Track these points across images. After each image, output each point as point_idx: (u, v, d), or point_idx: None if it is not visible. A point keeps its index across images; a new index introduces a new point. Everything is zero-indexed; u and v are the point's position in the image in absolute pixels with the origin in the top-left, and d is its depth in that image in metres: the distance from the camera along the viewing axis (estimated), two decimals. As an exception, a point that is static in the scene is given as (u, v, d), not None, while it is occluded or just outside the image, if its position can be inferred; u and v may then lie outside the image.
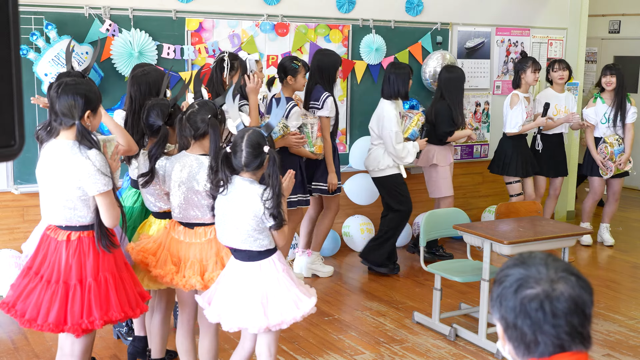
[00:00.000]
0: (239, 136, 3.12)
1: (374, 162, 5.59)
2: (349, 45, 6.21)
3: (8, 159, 1.12)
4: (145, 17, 5.39)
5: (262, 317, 3.05)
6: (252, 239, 3.10)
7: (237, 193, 3.11)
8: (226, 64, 4.51)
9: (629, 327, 4.74)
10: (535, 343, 1.49)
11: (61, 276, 3.06)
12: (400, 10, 6.45)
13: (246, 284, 3.11)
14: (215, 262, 3.29)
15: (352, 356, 4.22)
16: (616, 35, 9.78)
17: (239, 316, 3.09)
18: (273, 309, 3.08)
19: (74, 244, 3.08)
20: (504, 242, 4.16)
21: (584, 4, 7.54)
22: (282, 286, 3.12)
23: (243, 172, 3.12)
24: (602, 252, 6.58)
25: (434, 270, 4.62)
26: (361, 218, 6.37)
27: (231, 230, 3.13)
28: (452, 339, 4.44)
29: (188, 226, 3.37)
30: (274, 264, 3.15)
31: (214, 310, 3.16)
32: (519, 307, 1.49)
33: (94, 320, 3.05)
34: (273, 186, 3.02)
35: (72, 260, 3.07)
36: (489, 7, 6.95)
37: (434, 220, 4.72)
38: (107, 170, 2.98)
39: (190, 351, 3.56)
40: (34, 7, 4.97)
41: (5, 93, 1.09)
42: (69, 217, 3.08)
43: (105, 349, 4.23)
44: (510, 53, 7.11)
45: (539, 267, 1.52)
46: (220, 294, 3.17)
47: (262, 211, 3.04)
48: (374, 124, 5.62)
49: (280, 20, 5.89)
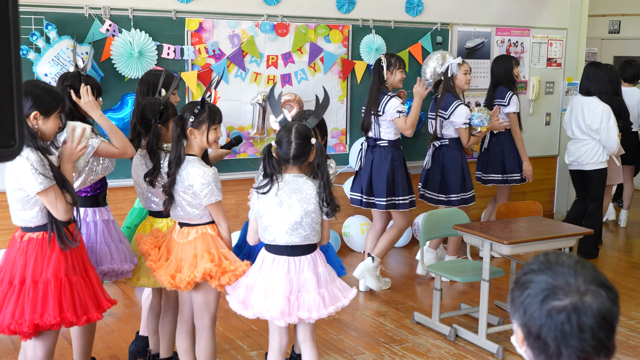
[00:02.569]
0: (286, 129, 3.15)
1: (589, 156, 5.95)
2: (348, 45, 6.21)
3: (8, 159, 1.12)
4: (145, 17, 5.39)
5: (321, 306, 3.14)
6: (314, 231, 3.17)
7: (293, 190, 3.14)
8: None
9: (629, 327, 4.75)
10: (557, 355, 1.43)
11: (15, 278, 3.05)
12: (400, 10, 6.45)
13: (300, 278, 3.16)
14: (191, 264, 3.28)
15: (352, 356, 4.22)
16: (616, 35, 9.78)
17: (292, 309, 3.13)
18: (327, 299, 3.18)
19: (24, 244, 3.06)
20: (504, 242, 4.16)
21: (584, 4, 7.54)
22: (328, 278, 3.24)
23: (290, 167, 3.17)
24: (602, 251, 6.58)
25: (434, 270, 4.61)
26: (361, 218, 6.37)
27: (291, 227, 3.14)
28: (452, 339, 4.45)
29: (180, 225, 3.40)
30: (319, 257, 3.25)
31: (255, 310, 3.16)
32: (545, 318, 1.42)
33: (22, 323, 2.97)
34: (323, 175, 3.12)
35: (19, 261, 3.05)
36: (489, 7, 6.95)
37: (433, 220, 4.72)
38: (44, 168, 2.93)
39: (189, 351, 3.56)
40: (34, 7, 4.97)
41: (5, 93, 1.09)
42: (22, 217, 3.06)
43: (105, 349, 4.23)
44: (510, 53, 7.11)
45: (567, 278, 1.44)
46: (264, 291, 3.16)
47: (319, 202, 3.14)
48: (581, 121, 5.94)
49: (280, 20, 5.89)
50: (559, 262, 1.47)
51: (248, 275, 3.25)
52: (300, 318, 3.13)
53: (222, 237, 3.36)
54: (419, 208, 6.74)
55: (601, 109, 5.85)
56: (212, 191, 3.26)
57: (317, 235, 3.21)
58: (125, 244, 3.64)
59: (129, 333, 4.46)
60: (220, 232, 3.36)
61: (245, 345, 4.33)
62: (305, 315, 3.12)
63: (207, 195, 3.26)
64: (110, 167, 3.55)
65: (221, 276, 3.24)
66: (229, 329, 4.56)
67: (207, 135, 3.29)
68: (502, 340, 4.40)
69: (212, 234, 3.34)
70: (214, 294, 3.39)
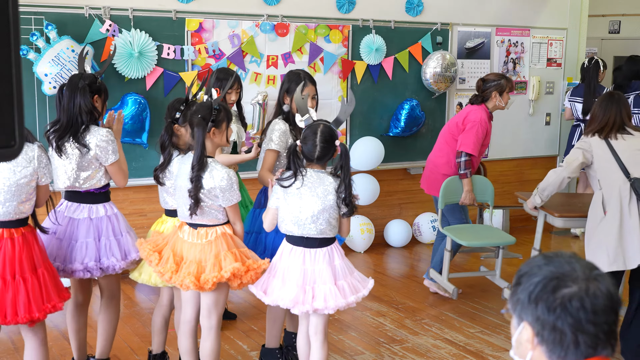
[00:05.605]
0: (312, 131, 3.30)
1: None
2: (349, 45, 6.21)
3: (8, 159, 1.12)
4: (145, 17, 5.39)
5: (338, 297, 3.25)
6: (330, 226, 3.30)
7: (313, 184, 3.28)
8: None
9: (629, 327, 4.74)
10: (575, 344, 1.44)
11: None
12: (400, 10, 6.45)
13: (315, 269, 3.29)
14: (214, 264, 3.28)
15: (352, 356, 4.22)
16: (616, 35, 9.78)
17: (307, 299, 3.24)
18: (347, 290, 3.30)
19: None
20: (555, 214, 4.40)
21: (584, 4, 7.54)
22: (347, 270, 3.36)
23: (313, 164, 3.31)
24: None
25: (448, 232, 4.92)
26: (361, 218, 6.37)
27: (308, 219, 3.27)
28: (455, 298, 4.97)
29: (192, 226, 3.38)
30: (336, 250, 3.37)
31: (272, 297, 3.29)
32: (559, 307, 1.44)
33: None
34: (345, 177, 3.28)
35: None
36: (489, 8, 6.95)
37: (453, 186, 5.03)
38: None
39: (192, 352, 3.55)
40: (34, 7, 4.97)
41: (5, 93, 1.09)
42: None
43: (105, 349, 4.22)
44: (510, 53, 7.12)
45: (570, 265, 1.47)
46: (282, 280, 3.30)
47: (338, 200, 3.27)
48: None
49: (280, 20, 5.89)
50: (557, 255, 1.52)
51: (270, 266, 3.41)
52: (315, 308, 3.22)
53: (238, 235, 3.41)
54: (418, 208, 6.74)
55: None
56: (232, 193, 3.30)
57: (333, 230, 3.33)
58: (131, 235, 3.69)
59: (129, 333, 4.46)
60: (236, 232, 3.40)
61: (245, 345, 4.33)
62: (321, 305, 3.22)
63: (228, 197, 3.29)
64: None
65: (244, 274, 3.29)
66: (229, 329, 4.56)
67: (226, 134, 3.38)
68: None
69: (231, 233, 3.37)
70: (224, 294, 3.42)
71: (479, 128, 5.00)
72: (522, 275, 1.52)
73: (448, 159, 5.15)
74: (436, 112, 6.74)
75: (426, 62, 6.49)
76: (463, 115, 5.15)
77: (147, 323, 4.56)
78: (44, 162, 3.21)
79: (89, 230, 3.55)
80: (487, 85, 5.12)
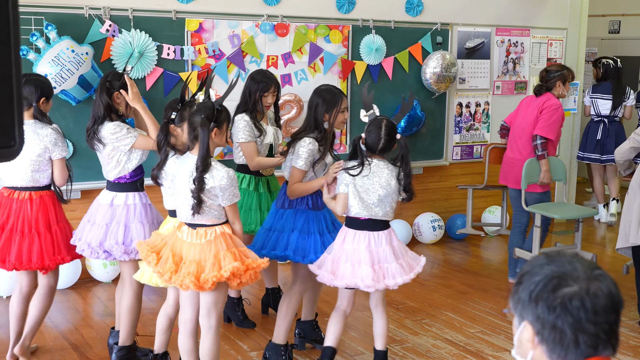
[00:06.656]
0: (376, 125, 3.63)
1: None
2: (349, 45, 6.21)
3: (8, 159, 1.12)
4: (145, 17, 5.39)
5: (403, 273, 3.65)
6: (392, 210, 3.68)
7: (379, 172, 3.62)
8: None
9: (629, 327, 4.75)
10: (575, 344, 1.44)
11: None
12: (400, 10, 6.46)
13: (379, 250, 3.64)
14: (213, 264, 3.28)
15: (352, 356, 4.22)
16: (616, 35, 9.78)
17: (379, 277, 3.58)
18: (406, 267, 3.69)
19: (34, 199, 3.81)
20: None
21: (584, 4, 7.54)
22: (403, 250, 3.74)
23: (375, 155, 3.64)
24: (602, 251, 6.58)
25: (535, 209, 5.19)
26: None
27: (375, 203, 3.62)
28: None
29: (191, 226, 3.38)
30: (393, 233, 3.75)
31: (346, 280, 3.57)
32: (559, 306, 1.44)
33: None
34: (406, 167, 3.65)
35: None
36: (489, 8, 6.95)
37: (534, 166, 5.30)
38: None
39: (192, 351, 3.55)
40: (34, 7, 4.97)
41: (5, 93, 1.09)
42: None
43: (105, 349, 4.22)
44: (510, 53, 7.12)
45: (572, 265, 1.48)
46: (351, 263, 3.59)
47: (399, 187, 3.64)
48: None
49: (280, 20, 5.89)
50: (560, 254, 1.52)
51: (331, 252, 3.68)
52: (387, 285, 3.58)
53: (237, 235, 3.40)
54: (418, 208, 6.74)
55: None
56: (233, 192, 3.31)
57: (392, 214, 3.71)
58: (147, 227, 3.84)
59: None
60: (236, 231, 3.41)
61: (245, 346, 4.33)
62: (392, 283, 3.60)
63: (228, 197, 3.30)
64: (144, 157, 3.88)
65: (243, 274, 3.29)
66: (229, 329, 4.56)
67: (226, 135, 3.42)
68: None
69: (230, 232, 3.38)
70: (223, 293, 3.42)
71: (554, 112, 5.29)
72: (524, 274, 1.52)
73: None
74: (436, 112, 6.74)
75: (426, 62, 6.48)
76: (537, 107, 5.35)
77: (147, 323, 4.56)
78: (53, 139, 3.73)
79: (105, 215, 3.82)
80: (551, 76, 5.41)
